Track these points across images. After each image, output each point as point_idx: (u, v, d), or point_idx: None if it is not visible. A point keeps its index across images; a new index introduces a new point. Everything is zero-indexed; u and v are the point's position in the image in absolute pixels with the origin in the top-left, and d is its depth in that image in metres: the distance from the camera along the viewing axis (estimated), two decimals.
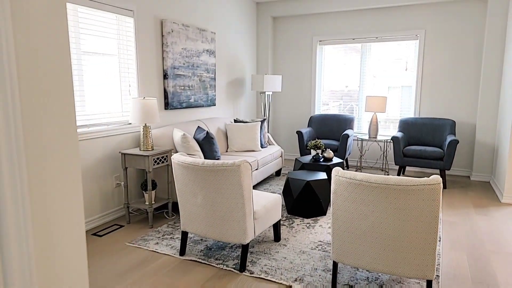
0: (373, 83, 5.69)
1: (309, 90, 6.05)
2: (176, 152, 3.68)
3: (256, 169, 4.32)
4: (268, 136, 5.16)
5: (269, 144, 5.14)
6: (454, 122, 4.88)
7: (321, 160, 4.23)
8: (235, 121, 4.90)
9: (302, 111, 6.15)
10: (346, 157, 5.38)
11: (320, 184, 3.60)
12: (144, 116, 3.24)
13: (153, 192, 3.37)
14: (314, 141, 4.30)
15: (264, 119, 5.01)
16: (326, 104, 6.13)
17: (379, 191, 2.03)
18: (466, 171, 5.19)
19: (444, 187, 4.59)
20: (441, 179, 2.00)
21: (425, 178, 2.01)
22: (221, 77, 5.17)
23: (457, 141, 4.40)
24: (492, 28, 4.66)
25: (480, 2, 4.81)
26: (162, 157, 3.36)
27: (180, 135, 3.48)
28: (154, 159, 3.26)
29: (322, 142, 5.26)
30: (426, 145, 5.00)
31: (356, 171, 5.46)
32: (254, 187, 4.58)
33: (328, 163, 4.11)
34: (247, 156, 4.32)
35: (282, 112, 6.30)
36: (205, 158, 3.72)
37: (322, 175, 3.74)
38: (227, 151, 4.65)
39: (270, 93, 5.69)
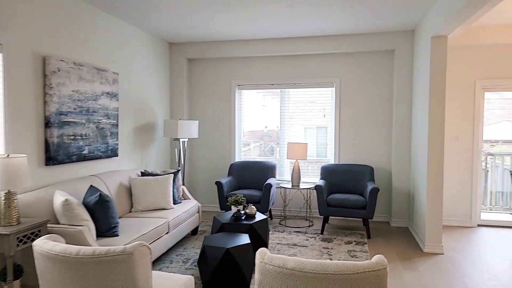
0: (291, 124, 5.55)
1: (228, 136, 5.66)
2: (57, 223, 2.84)
3: (167, 233, 3.63)
4: (183, 190, 4.53)
5: (184, 199, 4.50)
6: (373, 168, 4.88)
7: (243, 217, 3.74)
8: (143, 173, 4.19)
9: (222, 158, 5.69)
10: (269, 208, 4.99)
11: (242, 250, 3.07)
12: (7, 180, 2.40)
13: (18, 282, 2.47)
14: (235, 196, 3.81)
15: (178, 170, 4.40)
16: (247, 145, 5.79)
17: (316, 282, 1.58)
18: (386, 217, 5.19)
19: (368, 237, 4.44)
20: (386, 261, 1.64)
21: (368, 262, 1.62)
22: (126, 123, 4.48)
23: (377, 189, 4.33)
24: (400, 78, 4.90)
25: (389, 54, 5.08)
26: (33, 233, 2.51)
27: (61, 201, 2.68)
28: (19, 237, 2.40)
29: (244, 193, 4.81)
30: (348, 193, 4.88)
31: (280, 222, 5.08)
32: (164, 254, 3.85)
33: (251, 221, 3.63)
34: (155, 218, 3.62)
35: (201, 160, 5.76)
36: (97, 227, 2.93)
37: (245, 239, 3.23)
38: (131, 211, 3.89)
39: (186, 140, 5.13)
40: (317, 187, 4.55)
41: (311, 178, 5.49)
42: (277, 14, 4.13)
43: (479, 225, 5.01)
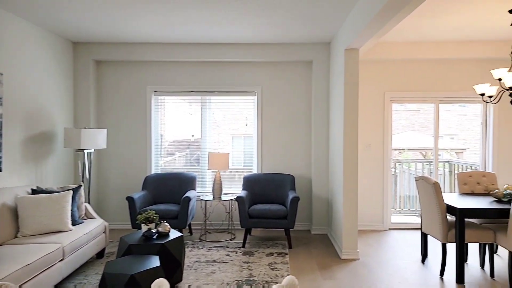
0: (218, 132, 5.33)
1: (144, 146, 5.21)
2: None
3: (61, 260, 3.10)
4: (86, 208, 3.98)
5: (88, 218, 3.96)
6: (294, 177, 4.88)
7: (155, 236, 3.38)
8: (34, 191, 3.57)
9: (136, 171, 5.21)
10: (189, 223, 4.67)
11: (150, 275, 2.72)
12: None
13: None
14: (146, 212, 3.43)
15: (80, 186, 3.85)
16: (171, 155, 5.40)
17: None
18: (307, 225, 5.22)
19: (290, 247, 4.38)
20: (296, 282, 1.48)
21: (278, 285, 1.45)
22: (12, 132, 3.81)
23: (298, 198, 4.31)
24: (318, 89, 5.00)
25: (307, 65, 5.17)
26: None
27: None
28: None
29: (160, 208, 4.42)
30: (270, 203, 4.80)
31: (200, 237, 4.79)
32: (59, 285, 3.28)
33: (164, 241, 3.28)
34: (46, 243, 3.06)
35: (111, 173, 5.20)
36: None
37: (154, 261, 2.88)
38: (16, 237, 3.26)
39: (92, 151, 4.57)
40: (238, 199, 4.37)
41: (238, 189, 5.31)
42: (193, 17, 3.90)
43: (390, 228, 5.31)
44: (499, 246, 4.38)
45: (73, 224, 3.61)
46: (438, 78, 5.17)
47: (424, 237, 3.97)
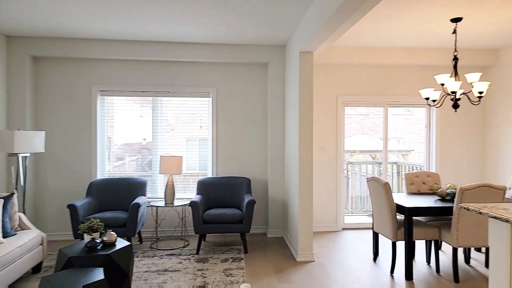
0: (172, 136, 5.10)
1: (88, 149, 4.84)
2: None
3: None
4: (20, 218, 3.59)
5: (22, 229, 3.57)
6: (250, 180, 4.80)
7: (99, 247, 3.11)
8: None
9: (80, 176, 4.82)
10: (138, 230, 4.41)
11: None
12: None
13: None
14: (89, 221, 3.16)
15: (12, 194, 3.46)
16: (121, 159, 5.07)
17: None
18: (263, 228, 5.17)
19: (246, 251, 4.28)
20: None
21: None
22: None
23: (254, 202, 4.23)
24: (273, 91, 4.98)
25: (263, 67, 5.14)
26: None
27: None
28: None
29: (107, 216, 4.12)
30: (226, 207, 4.67)
31: (151, 245, 4.53)
32: None
33: (109, 251, 3.03)
34: None
35: (51, 179, 4.76)
36: None
37: (98, 274, 2.63)
38: None
39: (28, 155, 4.15)
40: (192, 204, 4.19)
41: (192, 194, 5.11)
42: (143, 13, 3.68)
43: (343, 229, 5.42)
44: (443, 242, 4.63)
45: (4, 237, 3.23)
46: (387, 83, 5.40)
47: (376, 237, 4.07)
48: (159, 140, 5.06)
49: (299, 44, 4.07)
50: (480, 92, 3.77)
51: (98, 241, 3.12)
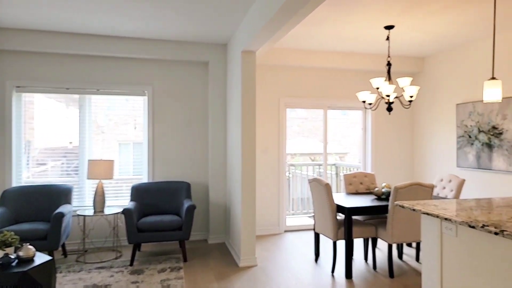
0: (103, 139, 4.67)
1: (1, 154, 4.23)
2: None
3: None
4: None
5: None
6: (189, 184, 4.57)
7: (14, 263, 2.68)
8: None
9: None
10: (62, 243, 3.94)
11: None
12: None
13: None
14: (1, 235, 2.71)
15: None
16: (42, 164, 4.50)
17: None
18: (204, 234, 4.95)
19: (185, 260, 4.05)
20: None
21: None
22: None
23: (194, 207, 4.01)
24: (215, 92, 4.82)
25: (204, 66, 4.95)
26: None
27: None
28: None
29: (24, 228, 3.61)
30: (163, 213, 4.39)
31: (78, 258, 4.08)
32: None
33: (26, 268, 2.62)
34: None
35: None
36: None
37: None
38: None
39: None
40: (125, 211, 3.85)
41: (125, 201, 4.72)
42: (64, 0, 3.30)
43: (286, 231, 5.42)
44: (379, 240, 4.83)
45: None
46: (327, 86, 5.54)
47: (317, 237, 4.10)
48: (87, 143, 4.60)
49: (241, 43, 3.97)
50: (411, 96, 4.00)
51: (12, 257, 2.70)
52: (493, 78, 2.36)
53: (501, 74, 4.33)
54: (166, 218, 4.01)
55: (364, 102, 4.22)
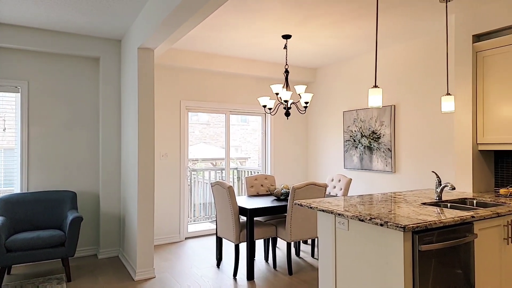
0: None
1: None
2: None
3: None
4: None
5: None
6: (76, 194, 4.02)
7: None
8: None
9: None
10: None
11: None
12: None
13: None
14: None
15: None
16: None
17: None
18: (93, 249, 4.42)
19: (69, 279, 3.52)
20: None
21: None
22: None
23: (80, 219, 3.54)
24: (107, 91, 4.37)
25: (94, 62, 4.45)
26: None
27: None
28: None
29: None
30: (41, 229, 3.76)
31: None
32: None
33: None
34: None
35: None
36: None
37: None
38: None
39: None
40: None
41: None
42: None
43: (187, 238, 5.22)
44: (278, 239, 5.01)
45: None
46: (229, 90, 5.56)
47: (219, 242, 4.03)
48: None
49: (137, 39, 3.69)
50: (306, 102, 4.27)
51: None
52: (375, 86, 2.65)
53: (380, 85, 4.96)
54: (45, 234, 3.44)
55: (264, 106, 4.34)
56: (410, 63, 4.55)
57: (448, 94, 3.09)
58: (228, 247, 4.78)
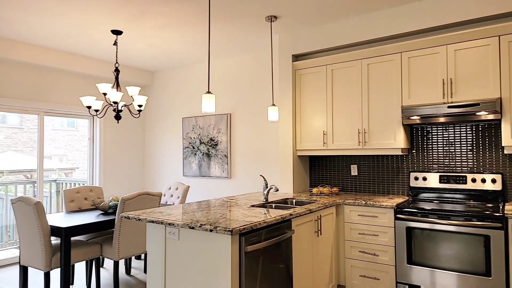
0: None
1: None
2: None
3: None
4: None
5: None
6: None
7: None
8: None
9: None
10: None
11: None
12: None
13: None
14: None
15: None
16: None
17: None
18: None
19: None
20: None
21: None
22: None
23: None
24: None
25: None
26: None
27: None
28: None
29: None
30: None
31: None
32: None
33: None
34: None
35: None
36: None
37: None
38: None
39: None
40: None
41: None
42: None
43: None
44: (105, 259, 4.42)
45: None
46: (43, 87, 4.64)
47: (24, 272, 3.22)
48: None
49: None
50: (140, 105, 3.95)
51: None
52: (208, 92, 2.62)
53: (217, 94, 5.08)
54: None
55: (89, 108, 3.79)
56: (242, 74, 4.84)
57: (273, 105, 3.38)
58: (37, 277, 3.91)
